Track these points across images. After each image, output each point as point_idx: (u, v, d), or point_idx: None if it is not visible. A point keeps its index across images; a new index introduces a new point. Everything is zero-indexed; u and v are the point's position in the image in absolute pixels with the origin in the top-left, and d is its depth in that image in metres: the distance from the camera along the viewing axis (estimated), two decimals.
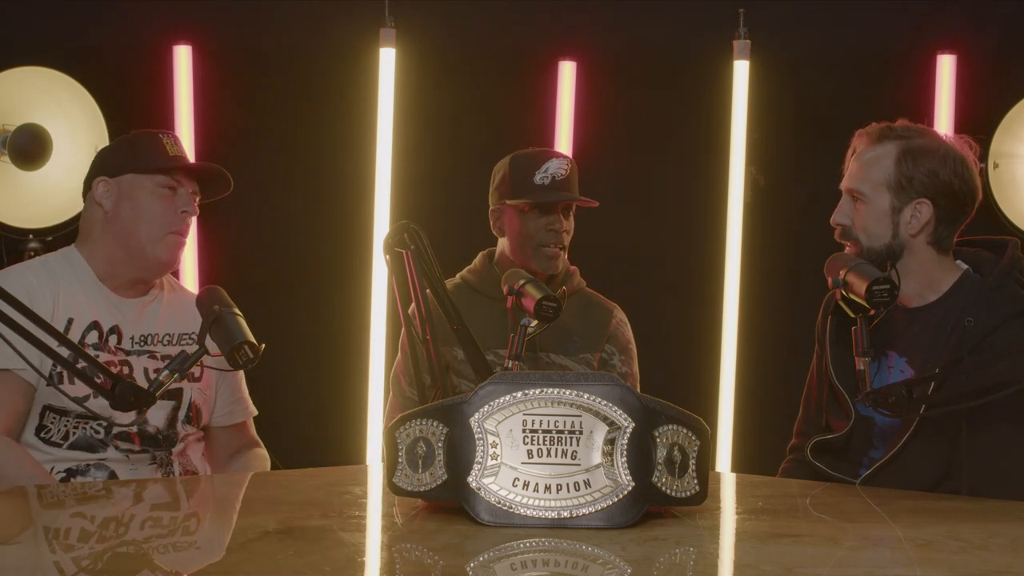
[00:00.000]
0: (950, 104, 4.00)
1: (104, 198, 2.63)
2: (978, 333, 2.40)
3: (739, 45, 3.96)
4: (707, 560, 1.82)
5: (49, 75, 3.70)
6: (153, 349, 2.63)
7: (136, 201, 2.61)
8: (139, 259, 2.62)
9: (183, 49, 3.94)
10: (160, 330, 2.66)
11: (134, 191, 2.62)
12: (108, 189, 2.63)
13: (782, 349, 3.92)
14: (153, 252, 2.61)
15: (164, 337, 2.66)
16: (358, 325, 3.95)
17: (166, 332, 2.67)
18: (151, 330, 2.65)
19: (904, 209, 2.48)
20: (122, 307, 2.63)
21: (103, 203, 2.63)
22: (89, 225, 2.66)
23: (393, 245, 2.45)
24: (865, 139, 2.54)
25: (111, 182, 2.63)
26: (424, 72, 3.97)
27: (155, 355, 2.63)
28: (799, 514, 2.13)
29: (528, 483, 1.89)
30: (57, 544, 1.89)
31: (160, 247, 2.61)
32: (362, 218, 3.96)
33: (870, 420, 2.51)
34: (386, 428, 1.97)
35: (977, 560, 1.79)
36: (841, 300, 2.40)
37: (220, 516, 2.17)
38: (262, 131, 4.01)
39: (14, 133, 3.62)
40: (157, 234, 2.60)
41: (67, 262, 2.63)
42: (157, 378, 2.21)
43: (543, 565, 1.77)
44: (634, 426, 1.89)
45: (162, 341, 2.65)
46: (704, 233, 4.06)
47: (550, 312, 2.43)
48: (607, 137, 4.06)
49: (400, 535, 1.92)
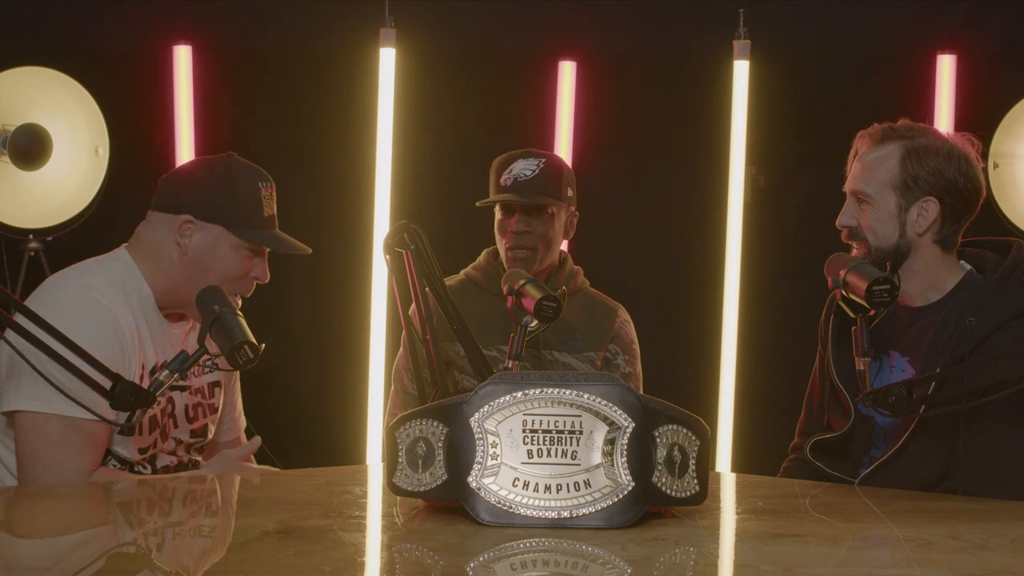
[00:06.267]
0: (950, 104, 4.00)
1: (185, 238, 2.48)
2: (979, 333, 2.40)
3: (739, 45, 3.96)
4: (707, 560, 1.82)
5: (49, 75, 3.71)
6: (189, 383, 2.56)
7: (217, 256, 2.49)
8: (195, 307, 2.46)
9: (183, 49, 3.94)
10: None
11: (219, 245, 2.48)
12: (192, 231, 2.48)
13: (782, 349, 3.92)
14: None
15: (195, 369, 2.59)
16: (358, 325, 3.95)
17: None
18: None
19: (911, 208, 2.48)
20: (170, 337, 2.53)
21: (182, 243, 2.48)
22: (159, 252, 2.50)
23: (393, 245, 2.45)
24: (868, 140, 2.53)
25: (197, 224, 2.48)
26: (424, 72, 3.98)
27: (190, 388, 2.57)
28: (799, 514, 2.13)
29: (528, 483, 1.89)
30: (57, 543, 1.89)
31: None
32: (362, 218, 3.96)
33: (871, 420, 2.51)
34: (387, 425, 1.97)
35: (977, 560, 1.79)
36: (841, 300, 2.40)
37: (220, 516, 2.17)
38: (262, 131, 4.02)
39: (14, 133, 3.63)
40: (226, 291, 2.45)
41: (130, 278, 2.47)
42: (157, 378, 2.21)
43: (543, 565, 1.77)
44: (634, 426, 1.89)
45: (194, 372, 2.59)
46: (704, 233, 4.06)
47: (550, 312, 2.43)
48: (607, 137, 4.06)
49: (400, 535, 1.92)
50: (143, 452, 2.46)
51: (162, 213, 2.52)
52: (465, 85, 4.05)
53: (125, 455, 2.43)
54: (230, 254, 2.50)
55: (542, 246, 3.00)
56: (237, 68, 4.00)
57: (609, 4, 4.13)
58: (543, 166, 3.01)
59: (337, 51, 3.99)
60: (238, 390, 2.78)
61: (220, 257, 2.49)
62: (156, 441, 2.48)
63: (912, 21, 4.09)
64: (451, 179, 3.91)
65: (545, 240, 3.01)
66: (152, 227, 2.52)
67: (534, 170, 3.00)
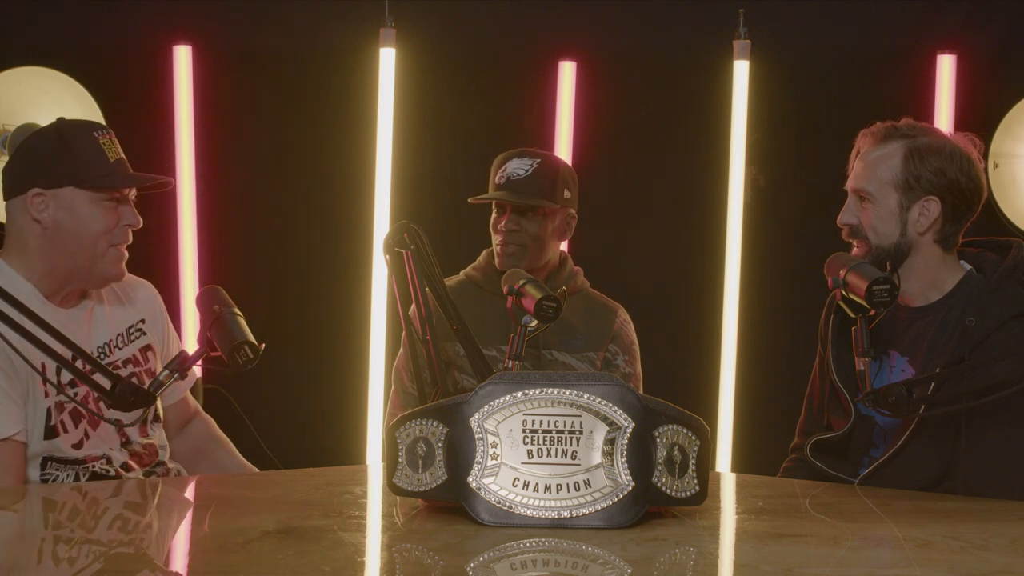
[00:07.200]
0: (950, 104, 4.01)
1: (41, 212, 2.40)
2: (979, 333, 2.40)
3: (739, 45, 3.96)
4: (707, 560, 1.82)
5: (49, 75, 3.71)
6: (113, 359, 2.50)
7: (78, 217, 2.41)
8: (84, 275, 2.46)
9: (183, 49, 3.94)
10: (112, 334, 2.53)
11: (76, 206, 2.41)
12: (45, 202, 2.40)
13: (782, 349, 3.92)
14: (100, 268, 2.45)
15: (117, 339, 2.54)
16: (358, 325, 3.95)
17: (117, 333, 2.54)
18: (104, 339, 2.51)
19: (912, 207, 2.48)
20: (72, 320, 2.45)
21: (40, 218, 2.40)
22: (23, 238, 2.43)
23: (393, 245, 2.45)
24: (870, 139, 2.53)
25: (47, 194, 2.40)
26: (424, 72, 3.98)
27: (116, 364, 2.50)
28: (799, 514, 2.13)
29: (528, 483, 1.89)
30: (57, 544, 1.89)
31: (107, 263, 2.45)
32: (362, 218, 3.96)
33: (871, 419, 2.51)
34: (387, 425, 1.97)
35: (977, 560, 1.79)
36: (841, 300, 2.40)
37: (220, 516, 2.17)
38: (262, 131, 4.01)
39: (14, 133, 3.62)
40: (102, 250, 2.43)
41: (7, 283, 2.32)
42: (157, 378, 2.21)
43: (543, 565, 1.77)
44: (634, 426, 1.89)
45: (116, 345, 2.53)
46: (704, 233, 4.06)
47: (550, 312, 2.43)
48: (607, 137, 4.06)
49: (400, 535, 1.92)
50: (78, 447, 2.39)
51: (13, 199, 2.45)
52: (465, 85, 4.05)
53: (63, 457, 2.37)
54: (91, 209, 2.42)
55: (533, 245, 3.00)
56: (237, 68, 4.00)
57: (609, 4, 4.13)
58: (537, 166, 3.00)
59: (337, 51, 3.99)
60: (175, 347, 2.67)
61: (83, 216, 2.42)
62: (86, 431, 2.41)
63: (912, 21, 4.09)
64: (451, 179, 3.91)
65: (537, 240, 3.00)
66: (10, 219, 2.46)
67: (527, 170, 2.99)
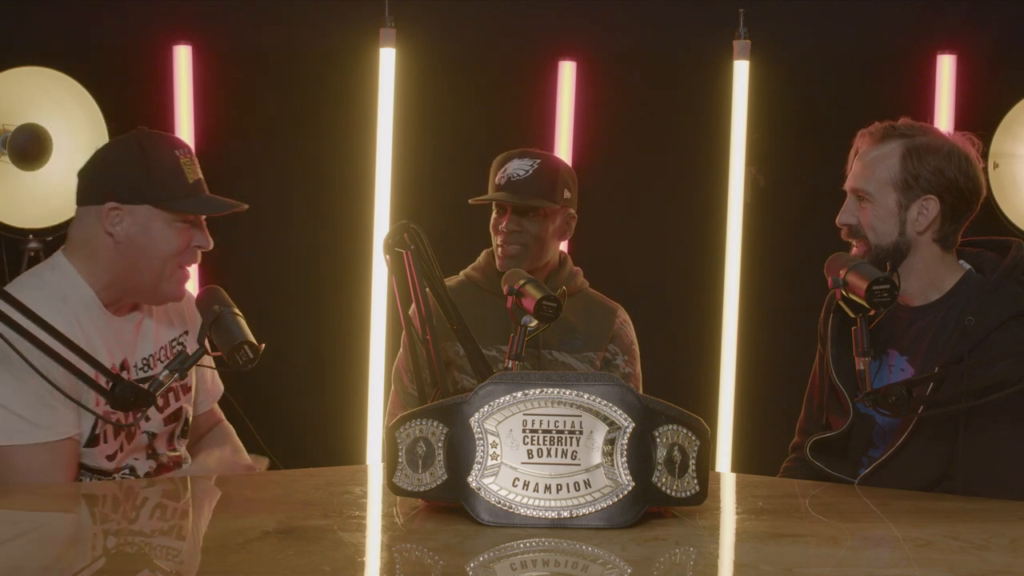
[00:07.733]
0: (950, 104, 4.00)
1: (115, 225, 2.40)
2: (978, 333, 2.40)
3: (739, 45, 3.96)
4: (707, 560, 1.82)
5: (49, 75, 3.71)
6: (155, 372, 2.49)
7: (151, 236, 2.41)
8: (147, 291, 2.46)
9: (183, 49, 3.94)
10: (156, 347, 2.54)
11: (150, 224, 2.41)
12: (120, 216, 2.40)
13: (782, 349, 3.92)
14: (163, 288, 2.45)
15: (160, 352, 2.55)
16: (358, 325, 3.95)
17: (160, 346, 2.55)
18: (149, 351, 2.52)
19: (911, 207, 2.48)
20: (121, 331, 2.47)
21: (113, 231, 2.40)
22: (92, 246, 2.43)
23: (393, 245, 2.45)
24: (868, 138, 2.54)
25: (124, 209, 2.40)
26: (424, 72, 3.98)
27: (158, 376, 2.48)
28: (799, 514, 2.13)
29: (528, 483, 1.89)
30: (56, 543, 1.89)
31: (171, 284, 2.46)
32: (362, 218, 3.96)
33: (870, 419, 2.51)
34: (387, 425, 1.97)
35: (977, 560, 1.79)
36: (841, 300, 2.40)
37: (220, 516, 2.17)
38: (262, 131, 4.02)
39: (14, 133, 3.63)
40: (170, 270, 2.44)
41: (69, 284, 2.41)
42: (157, 378, 2.21)
43: (543, 565, 1.77)
44: (634, 426, 1.89)
45: (159, 358, 2.54)
46: (704, 233, 4.06)
47: (550, 312, 2.43)
48: (607, 137, 4.06)
49: (400, 535, 1.92)
50: (111, 459, 2.40)
51: (87, 207, 2.45)
52: (465, 85, 4.05)
53: (94, 466, 2.38)
54: (165, 230, 2.42)
55: (534, 244, 3.00)
56: (237, 68, 4.00)
57: (609, 4, 4.13)
58: (537, 167, 3.01)
59: (337, 51, 3.99)
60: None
61: (156, 236, 2.41)
62: (122, 444, 2.42)
63: (912, 21, 4.09)
64: (451, 179, 3.91)
65: (538, 240, 3.01)
66: (81, 223, 2.46)
67: (527, 171, 3.00)
